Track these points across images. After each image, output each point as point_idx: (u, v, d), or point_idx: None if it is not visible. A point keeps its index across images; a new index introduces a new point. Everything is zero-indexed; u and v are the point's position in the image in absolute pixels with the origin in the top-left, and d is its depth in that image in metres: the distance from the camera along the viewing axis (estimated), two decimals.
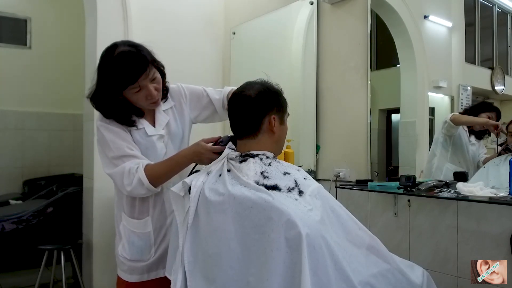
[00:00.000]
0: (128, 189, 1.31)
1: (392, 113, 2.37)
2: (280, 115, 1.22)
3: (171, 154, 1.41)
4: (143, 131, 1.41)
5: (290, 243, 0.95)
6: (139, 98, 1.35)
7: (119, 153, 1.33)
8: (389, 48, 2.35)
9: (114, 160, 1.33)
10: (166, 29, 2.80)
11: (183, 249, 1.12)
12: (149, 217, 1.42)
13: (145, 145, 1.40)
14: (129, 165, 1.31)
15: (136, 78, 1.30)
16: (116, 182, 1.35)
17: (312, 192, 1.11)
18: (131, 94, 1.33)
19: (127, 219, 1.43)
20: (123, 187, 1.32)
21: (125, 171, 1.30)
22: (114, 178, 1.35)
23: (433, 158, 2.05)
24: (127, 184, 1.30)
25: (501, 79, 2.21)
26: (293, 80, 2.59)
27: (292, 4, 2.59)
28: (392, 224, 1.98)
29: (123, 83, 1.31)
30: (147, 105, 1.39)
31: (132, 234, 1.42)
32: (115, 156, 1.33)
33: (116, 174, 1.33)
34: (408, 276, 1.12)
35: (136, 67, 1.30)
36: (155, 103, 1.39)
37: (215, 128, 3.06)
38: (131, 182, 1.30)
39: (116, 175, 1.33)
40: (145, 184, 1.30)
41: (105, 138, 1.35)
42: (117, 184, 1.35)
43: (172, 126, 1.47)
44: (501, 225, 1.59)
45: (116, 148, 1.33)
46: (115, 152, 1.33)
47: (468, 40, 2.29)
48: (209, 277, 1.07)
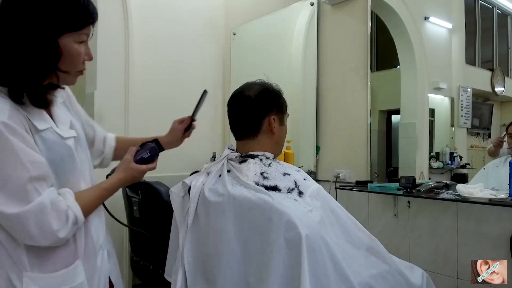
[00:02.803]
0: (61, 236, 0.84)
1: (392, 114, 2.38)
2: (280, 115, 1.22)
3: (86, 167, 1.02)
4: (52, 132, 0.91)
5: (289, 244, 0.94)
6: (79, 55, 0.91)
7: (37, 172, 0.82)
8: (389, 49, 2.35)
9: (28, 186, 0.81)
10: (167, 29, 2.80)
11: (183, 249, 1.12)
12: (79, 259, 0.93)
13: (61, 155, 0.91)
14: (49, 196, 0.84)
15: (93, 19, 0.92)
16: (27, 226, 0.80)
17: (312, 193, 1.11)
18: (71, 44, 0.88)
19: (40, 277, 0.87)
20: (44, 233, 0.82)
21: (47, 208, 0.82)
22: (26, 221, 0.80)
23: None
24: (59, 229, 0.84)
25: (501, 81, 2.21)
26: (293, 80, 2.59)
27: (293, 5, 2.59)
28: (392, 225, 1.98)
29: (79, 19, 0.89)
30: (73, 74, 0.94)
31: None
32: (33, 177, 0.81)
33: (32, 213, 0.80)
34: (407, 278, 1.11)
35: (93, 9, 0.93)
36: (82, 73, 0.96)
37: (215, 129, 3.06)
38: (65, 224, 0.85)
39: (33, 215, 0.81)
40: (79, 223, 0.89)
41: (11, 145, 0.80)
42: (28, 229, 0.81)
43: (76, 126, 1.03)
44: (501, 226, 1.59)
45: (31, 163, 0.82)
46: (31, 171, 0.81)
47: (469, 41, 2.29)
48: (209, 277, 1.07)
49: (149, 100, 2.68)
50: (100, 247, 1.01)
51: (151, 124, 2.54)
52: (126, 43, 2.56)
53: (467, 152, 2.21)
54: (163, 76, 2.77)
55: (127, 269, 2.55)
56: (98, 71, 2.47)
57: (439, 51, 2.32)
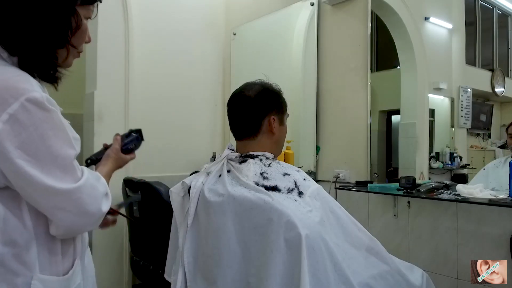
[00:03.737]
0: (103, 210, 0.83)
1: (392, 114, 2.38)
2: (280, 116, 1.22)
3: None
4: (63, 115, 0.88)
5: (289, 244, 0.95)
6: (86, 32, 0.87)
7: (78, 149, 0.82)
8: (389, 50, 2.35)
9: (74, 162, 0.79)
10: (167, 30, 2.80)
11: (182, 249, 1.12)
12: (77, 258, 0.89)
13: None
14: (87, 173, 0.82)
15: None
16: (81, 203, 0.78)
17: (312, 193, 1.11)
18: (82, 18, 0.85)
19: (49, 280, 0.81)
20: (96, 210, 0.81)
21: (94, 184, 0.82)
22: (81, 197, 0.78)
23: None
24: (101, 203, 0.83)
25: (501, 81, 2.21)
26: (293, 81, 2.59)
27: (293, 5, 2.59)
28: (391, 226, 1.98)
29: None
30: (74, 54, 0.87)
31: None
32: (76, 153, 0.80)
33: (86, 189, 0.79)
34: (407, 278, 1.12)
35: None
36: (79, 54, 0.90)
37: (215, 129, 3.07)
38: (106, 199, 0.85)
39: (87, 191, 0.79)
40: (110, 201, 0.87)
41: (59, 121, 0.78)
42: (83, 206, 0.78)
43: None
44: (501, 227, 1.58)
45: (75, 140, 0.81)
46: (77, 149, 0.81)
47: (469, 42, 2.30)
48: (209, 277, 1.07)
49: (149, 100, 2.68)
50: (86, 246, 0.96)
51: (151, 124, 2.55)
52: (126, 43, 2.57)
53: (467, 152, 2.21)
54: (163, 76, 2.78)
55: (127, 269, 2.55)
56: (98, 71, 2.47)
57: (439, 51, 2.32)
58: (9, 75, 0.73)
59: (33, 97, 0.71)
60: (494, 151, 2.05)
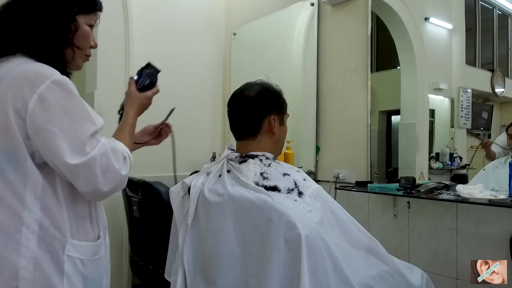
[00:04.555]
0: (124, 173, 0.92)
1: (392, 115, 2.38)
2: (280, 116, 1.22)
3: None
4: None
5: (289, 244, 0.95)
6: (88, 37, 1.00)
7: (99, 125, 0.93)
8: (389, 50, 2.35)
9: (92, 137, 0.89)
10: (167, 30, 2.80)
11: (182, 249, 1.12)
12: (101, 232, 1.03)
13: None
14: (107, 143, 0.92)
15: (101, 6, 1.03)
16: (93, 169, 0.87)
17: (312, 194, 1.11)
18: (84, 25, 0.98)
19: (80, 245, 0.94)
20: (107, 175, 0.89)
21: (108, 151, 0.90)
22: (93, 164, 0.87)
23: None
24: (121, 167, 0.92)
25: (501, 82, 2.21)
26: (293, 81, 2.59)
27: (293, 5, 2.59)
28: (391, 226, 1.98)
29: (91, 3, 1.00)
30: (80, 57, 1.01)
31: (91, 266, 0.96)
32: (96, 130, 0.91)
33: (103, 155, 0.89)
34: (407, 278, 1.12)
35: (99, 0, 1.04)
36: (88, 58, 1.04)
37: (215, 129, 3.07)
38: (127, 163, 0.95)
39: (97, 159, 0.87)
40: (131, 161, 0.98)
41: (79, 101, 0.91)
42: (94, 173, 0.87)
43: None
44: (501, 227, 1.59)
45: (96, 119, 0.93)
46: (97, 123, 0.92)
47: (469, 42, 2.30)
48: (209, 278, 1.07)
49: None
50: (106, 227, 1.08)
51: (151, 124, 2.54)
52: (126, 43, 2.56)
53: (467, 152, 2.21)
54: (163, 76, 2.74)
55: (127, 269, 2.55)
56: (98, 71, 2.47)
57: (439, 51, 2.32)
58: (35, 64, 0.89)
59: (56, 79, 0.86)
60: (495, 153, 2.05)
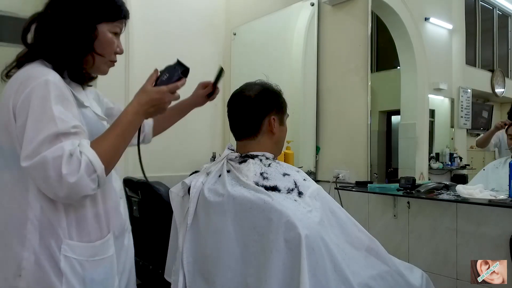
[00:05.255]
0: (71, 181, 0.85)
1: (392, 115, 2.38)
2: (280, 116, 1.22)
3: None
4: (91, 111, 1.06)
5: (289, 245, 0.94)
6: (112, 44, 1.04)
7: (63, 128, 0.88)
8: (389, 50, 2.35)
9: (51, 139, 0.87)
10: (167, 29, 2.80)
11: (182, 249, 1.12)
12: (111, 233, 1.04)
13: (97, 132, 0.98)
14: (67, 146, 0.87)
15: (126, 14, 1.07)
16: (44, 173, 0.85)
17: (312, 194, 1.11)
18: (107, 32, 1.02)
19: (76, 246, 0.96)
20: (58, 181, 0.85)
21: (64, 154, 0.85)
22: (41, 167, 0.85)
23: None
24: (68, 173, 0.84)
25: (501, 82, 2.21)
26: (293, 81, 2.59)
27: (293, 5, 2.60)
28: (391, 226, 1.98)
29: (114, 12, 1.03)
30: (105, 62, 1.06)
31: (89, 266, 0.97)
32: (56, 132, 0.87)
33: (47, 159, 0.85)
34: (407, 278, 1.11)
35: (126, 8, 1.08)
36: (113, 63, 1.08)
37: (215, 129, 3.07)
38: (77, 170, 0.85)
39: (48, 161, 0.84)
40: (98, 170, 0.89)
41: (51, 102, 0.89)
42: (45, 176, 0.85)
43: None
44: (501, 227, 1.59)
45: (61, 121, 0.89)
46: (59, 126, 0.88)
47: (469, 42, 2.29)
48: (209, 278, 1.07)
49: None
50: (127, 228, 1.15)
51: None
52: (127, 43, 2.56)
53: (467, 153, 2.21)
54: None
55: None
56: None
57: (439, 52, 2.32)
58: (35, 68, 0.95)
59: (44, 80, 0.91)
60: (494, 151, 2.05)
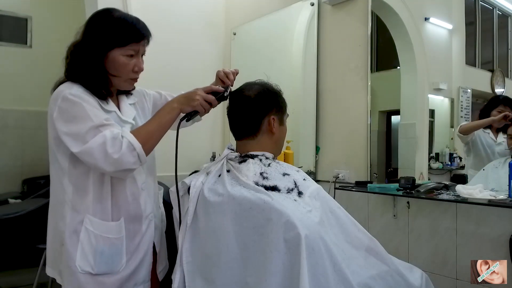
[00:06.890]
0: (115, 157, 1.07)
1: (392, 115, 2.38)
2: (280, 115, 1.22)
3: None
4: (115, 115, 1.22)
5: (289, 244, 0.94)
6: (126, 65, 1.19)
7: (97, 121, 1.10)
8: (389, 50, 2.35)
9: (91, 131, 1.08)
10: (167, 29, 2.79)
11: (182, 249, 1.12)
12: (123, 218, 1.21)
13: None
14: (110, 132, 1.09)
15: (141, 37, 1.20)
16: (93, 156, 1.07)
17: (312, 193, 1.11)
18: (119, 56, 1.17)
19: (96, 221, 1.17)
20: (106, 158, 1.07)
21: (107, 139, 1.07)
22: (91, 152, 1.07)
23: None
24: (113, 152, 1.06)
25: (501, 82, 2.21)
26: (293, 81, 2.59)
27: (293, 5, 2.59)
28: (391, 226, 1.98)
29: (125, 37, 1.17)
30: (125, 80, 1.22)
31: (102, 241, 1.17)
32: (94, 126, 1.09)
33: (94, 144, 1.07)
34: (406, 278, 1.11)
35: (144, 27, 1.23)
36: (135, 80, 1.25)
37: (215, 129, 3.06)
38: (119, 149, 1.07)
39: (95, 146, 1.06)
40: (136, 148, 1.10)
41: (80, 106, 1.10)
42: (96, 158, 1.07)
43: (138, 122, 1.31)
44: (500, 227, 1.58)
45: (95, 116, 1.10)
46: (94, 121, 1.09)
47: (469, 42, 2.29)
48: (208, 277, 1.07)
49: None
50: (147, 217, 1.26)
51: None
52: None
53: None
54: (163, 76, 2.76)
55: None
56: None
57: (439, 52, 2.32)
58: (63, 86, 1.16)
59: (64, 95, 1.12)
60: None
